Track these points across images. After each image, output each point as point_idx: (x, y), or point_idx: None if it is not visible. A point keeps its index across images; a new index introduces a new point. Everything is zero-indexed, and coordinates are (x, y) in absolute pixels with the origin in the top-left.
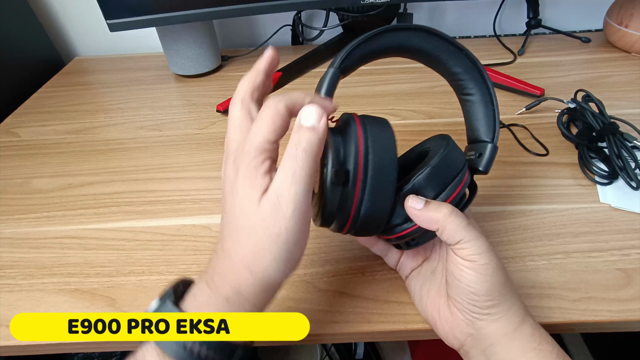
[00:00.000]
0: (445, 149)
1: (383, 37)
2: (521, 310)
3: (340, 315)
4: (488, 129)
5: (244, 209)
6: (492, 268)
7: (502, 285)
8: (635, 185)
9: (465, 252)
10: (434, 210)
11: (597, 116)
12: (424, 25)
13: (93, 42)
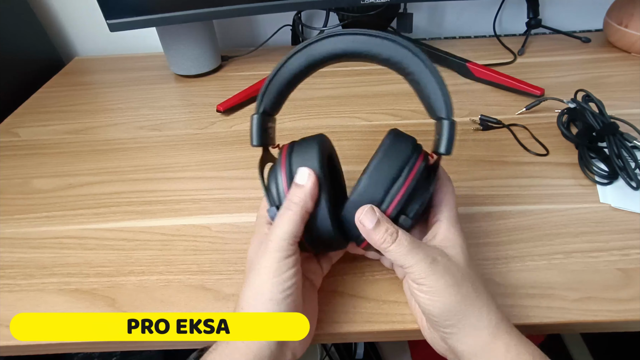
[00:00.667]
0: (383, 145)
1: (296, 59)
2: (491, 325)
3: (340, 315)
4: (439, 105)
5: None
6: (440, 290)
7: (457, 303)
8: (635, 185)
9: (413, 275)
10: (377, 233)
11: (597, 116)
12: (329, 33)
13: (93, 42)
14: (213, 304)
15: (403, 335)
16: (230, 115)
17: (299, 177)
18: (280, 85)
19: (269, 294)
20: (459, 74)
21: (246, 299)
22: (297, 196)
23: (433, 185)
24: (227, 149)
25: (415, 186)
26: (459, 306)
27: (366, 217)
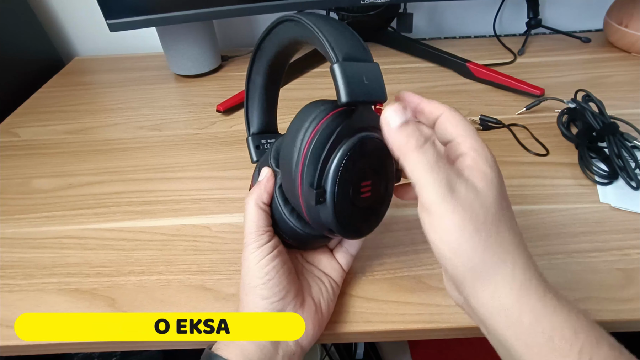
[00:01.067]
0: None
1: (254, 73)
2: (515, 283)
3: (340, 315)
4: (326, 51)
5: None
6: (452, 227)
7: (472, 250)
8: (635, 185)
9: (423, 198)
10: (402, 131)
11: (597, 116)
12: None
13: (93, 42)
14: (213, 304)
15: (403, 335)
16: (230, 115)
17: (262, 176)
18: (256, 105)
19: (253, 281)
20: (459, 74)
21: (241, 289)
22: (254, 194)
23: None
24: (227, 149)
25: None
26: (474, 253)
27: (393, 114)
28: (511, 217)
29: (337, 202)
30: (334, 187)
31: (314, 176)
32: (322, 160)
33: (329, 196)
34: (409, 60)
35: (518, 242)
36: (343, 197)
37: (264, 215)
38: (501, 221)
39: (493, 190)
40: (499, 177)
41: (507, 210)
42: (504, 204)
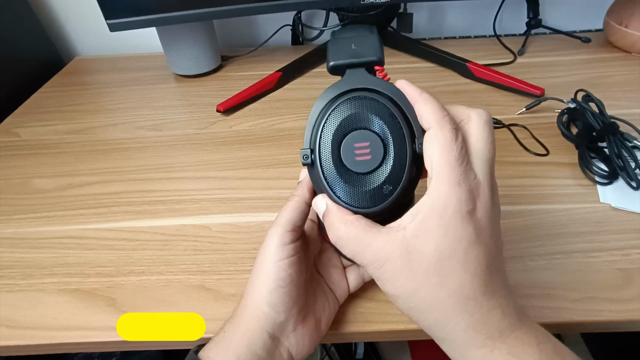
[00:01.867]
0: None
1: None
2: (471, 337)
3: (340, 315)
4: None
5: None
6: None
7: (419, 298)
8: (635, 185)
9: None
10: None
11: (597, 116)
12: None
13: (93, 42)
14: (213, 304)
15: (403, 335)
16: (230, 115)
17: (301, 174)
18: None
19: (265, 280)
20: (459, 74)
21: (250, 284)
22: (297, 189)
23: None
24: (227, 149)
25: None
26: (420, 303)
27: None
28: (462, 257)
29: (324, 162)
30: (318, 146)
31: (308, 139)
32: (314, 124)
33: (316, 156)
34: (409, 60)
35: (473, 285)
36: (332, 157)
37: (301, 214)
38: (446, 267)
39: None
40: (468, 200)
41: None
42: (458, 244)
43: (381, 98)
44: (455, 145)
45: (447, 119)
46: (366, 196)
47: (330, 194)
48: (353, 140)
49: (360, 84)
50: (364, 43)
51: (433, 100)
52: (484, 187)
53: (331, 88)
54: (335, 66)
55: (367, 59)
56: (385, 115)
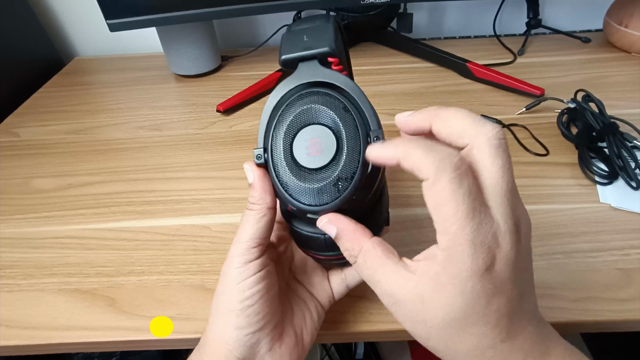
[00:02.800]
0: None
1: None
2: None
3: (340, 315)
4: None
5: None
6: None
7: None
8: (635, 185)
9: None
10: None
11: (597, 116)
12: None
13: (93, 42)
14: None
15: (403, 335)
16: (230, 115)
17: (247, 176)
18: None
19: (229, 304)
20: (459, 74)
21: (213, 309)
22: (251, 196)
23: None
24: (227, 149)
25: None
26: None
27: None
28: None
29: (277, 160)
30: (270, 144)
31: (261, 139)
32: (267, 123)
33: (269, 155)
34: (409, 60)
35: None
36: (282, 155)
37: (265, 225)
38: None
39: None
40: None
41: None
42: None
43: (334, 92)
44: (460, 196)
45: (445, 164)
46: (321, 193)
47: (282, 192)
48: (305, 136)
49: (312, 77)
50: (317, 34)
51: (419, 142)
52: (504, 231)
53: (282, 84)
54: (287, 60)
55: (319, 50)
56: (338, 108)
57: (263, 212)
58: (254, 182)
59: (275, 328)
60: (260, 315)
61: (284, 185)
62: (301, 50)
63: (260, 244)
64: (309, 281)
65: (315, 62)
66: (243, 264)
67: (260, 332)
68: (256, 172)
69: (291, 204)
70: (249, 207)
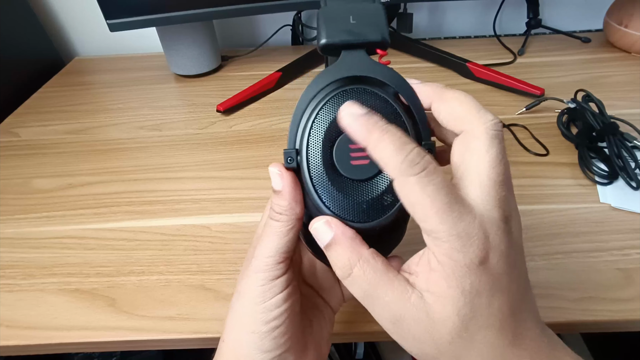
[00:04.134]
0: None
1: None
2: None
3: (340, 315)
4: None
5: None
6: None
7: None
8: (635, 185)
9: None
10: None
11: (597, 116)
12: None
13: (93, 42)
14: (213, 304)
15: None
16: (230, 115)
17: (273, 181)
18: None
19: (252, 325)
20: (459, 74)
21: (228, 330)
22: (277, 205)
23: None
24: (227, 149)
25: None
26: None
27: (318, 232)
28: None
29: (312, 165)
30: (305, 146)
31: (292, 138)
32: (299, 120)
33: (302, 158)
34: (409, 60)
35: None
36: (321, 160)
37: (291, 237)
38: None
39: (447, 325)
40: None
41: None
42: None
43: (383, 91)
44: (430, 192)
45: (412, 163)
46: (363, 207)
47: (317, 203)
48: (348, 141)
49: (359, 71)
50: (366, 17)
51: (390, 137)
52: (491, 222)
53: (323, 74)
54: (329, 45)
55: (369, 38)
56: (388, 112)
57: (292, 224)
58: (284, 189)
59: (298, 343)
60: (287, 336)
61: (320, 195)
62: (348, 36)
63: (286, 259)
64: (320, 285)
65: (362, 52)
66: (269, 281)
67: (287, 353)
68: (287, 178)
69: (327, 215)
70: (274, 217)
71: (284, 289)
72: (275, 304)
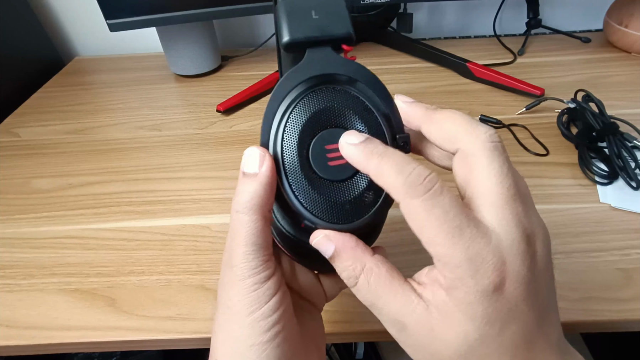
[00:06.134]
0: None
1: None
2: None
3: (340, 315)
4: None
5: None
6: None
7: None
8: (635, 185)
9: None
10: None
11: (597, 116)
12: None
13: (93, 42)
14: (213, 304)
15: None
16: (230, 115)
17: (247, 162)
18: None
19: (250, 337)
20: (459, 74)
21: (221, 347)
22: (247, 192)
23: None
24: (227, 149)
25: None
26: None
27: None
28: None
29: (289, 170)
30: (280, 150)
31: (265, 144)
32: (272, 121)
33: (279, 162)
34: (409, 60)
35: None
36: (298, 164)
37: (267, 230)
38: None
39: (474, 316)
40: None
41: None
42: (508, 317)
43: (353, 88)
44: (437, 215)
45: (415, 185)
46: (345, 208)
47: (299, 209)
48: (323, 141)
49: (327, 68)
50: (328, 10)
51: (392, 159)
52: (509, 244)
53: (291, 74)
54: (293, 43)
55: (335, 34)
56: (360, 109)
57: (266, 214)
58: (264, 174)
59: (301, 349)
60: (289, 343)
61: (302, 202)
62: (313, 32)
63: (270, 255)
64: (301, 287)
65: (328, 48)
66: (260, 285)
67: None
68: (269, 163)
69: (310, 221)
70: (241, 210)
71: (277, 290)
72: (272, 308)
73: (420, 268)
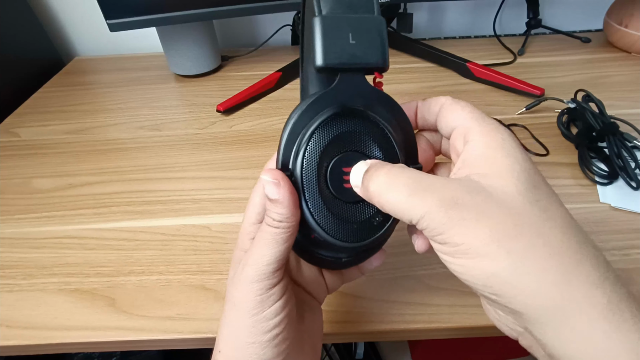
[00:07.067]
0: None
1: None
2: (594, 307)
3: (340, 315)
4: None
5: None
6: (472, 249)
7: (510, 269)
8: (635, 185)
9: (427, 232)
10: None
11: (597, 116)
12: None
13: (93, 42)
14: (213, 304)
15: (403, 335)
16: (230, 115)
17: (267, 190)
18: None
19: (251, 335)
20: (459, 74)
21: (224, 341)
22: (276, 213)
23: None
24: (227, 149)
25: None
26: (514, 274)
27: (352, 176)
28: (552, 210)
29: (307, 188)
30: (300, 168)
31: (286, 159)
32: (294, 140)
33: (298, 180)
34: (409, 60)
35: (577, 240)
36: (317, 183)
37: (287, 245)
38: (539, 220)
39: (517, 185)
40: (525, 163)
41: (545, 202)
42: (538, 194)
43: (376, 116)
44: (469, 107)
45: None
46: (354, 228)
47: (312, 224)
48: (342, 163)
49: (356, 99)
50: (366, 35)
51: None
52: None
53: (322, 98)
54: (327, 68)
55: (370, 62)
56: (379, 136)
57: (292, 231)
58: (284, 197)
59: (297, 344)
60: (288, 342)
61: (314, 216)
62: (347, 59)
63: (283, 266)
64: (306, 281)
65: (360, 75)
66: (266, 290)
67: (287, 357)
68: (287, 186)
69: (320, 236)
70: (272, 225)
71: (282, 296)
72: (275, 312)
73: (420, 268)
